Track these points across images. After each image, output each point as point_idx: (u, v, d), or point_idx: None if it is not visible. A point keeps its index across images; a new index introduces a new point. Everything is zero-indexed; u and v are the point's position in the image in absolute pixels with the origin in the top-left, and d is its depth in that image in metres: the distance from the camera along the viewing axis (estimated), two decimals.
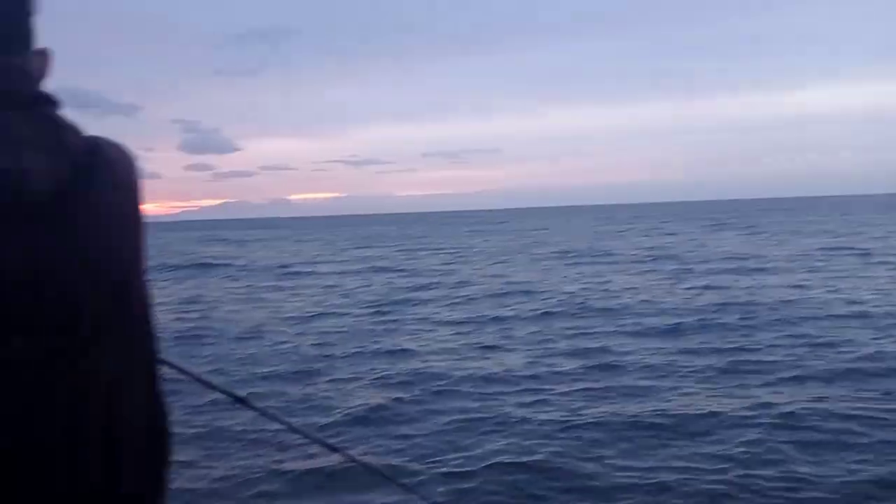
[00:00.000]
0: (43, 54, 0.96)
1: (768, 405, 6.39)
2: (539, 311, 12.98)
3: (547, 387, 7.51)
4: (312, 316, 13.82)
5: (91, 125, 0.99)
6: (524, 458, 5.36)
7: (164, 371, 1.08)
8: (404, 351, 9.85)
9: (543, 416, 6.44)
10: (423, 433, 6.12)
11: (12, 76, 0.90)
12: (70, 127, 0.92)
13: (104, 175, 0.92)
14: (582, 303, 13.80)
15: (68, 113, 0.95)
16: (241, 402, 1.52)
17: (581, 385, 7.48)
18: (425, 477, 5.12)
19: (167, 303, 15.09)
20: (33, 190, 0.84)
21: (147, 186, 1.01)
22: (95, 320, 0.88)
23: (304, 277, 22.69)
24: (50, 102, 0.92)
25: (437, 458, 5.48)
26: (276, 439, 5.73)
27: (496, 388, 7.56)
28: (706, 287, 15.13)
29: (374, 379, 8.20)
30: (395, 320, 12.84)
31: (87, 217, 0.89)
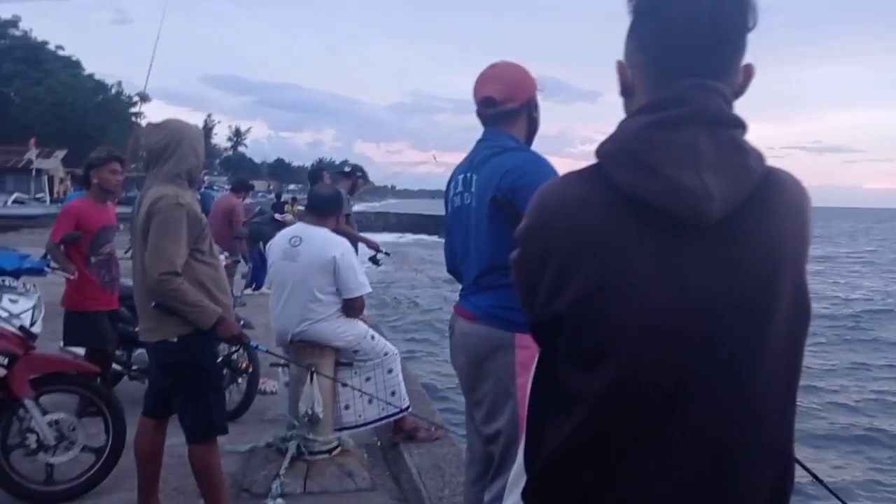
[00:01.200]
0: (746, 69, 0.96)
1: None
2: None
3: None
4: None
5: (558, 111, 0.81)
6: None
7: None
8: None
9: None
10: None
11: (709, 95, 0.91)
12: (753, 152, 0.91)
13: (776, 204, 0.91)
14: None
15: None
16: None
17: None
18: None
19: None
20: (711, 210, 0.86)
21: None
22: (744, 344, 0.89)
23: None
24: (738, 125, 0.92)
25: None
26: None
27: None
28: None
29: None
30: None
31: (750, 244, 0.89)
